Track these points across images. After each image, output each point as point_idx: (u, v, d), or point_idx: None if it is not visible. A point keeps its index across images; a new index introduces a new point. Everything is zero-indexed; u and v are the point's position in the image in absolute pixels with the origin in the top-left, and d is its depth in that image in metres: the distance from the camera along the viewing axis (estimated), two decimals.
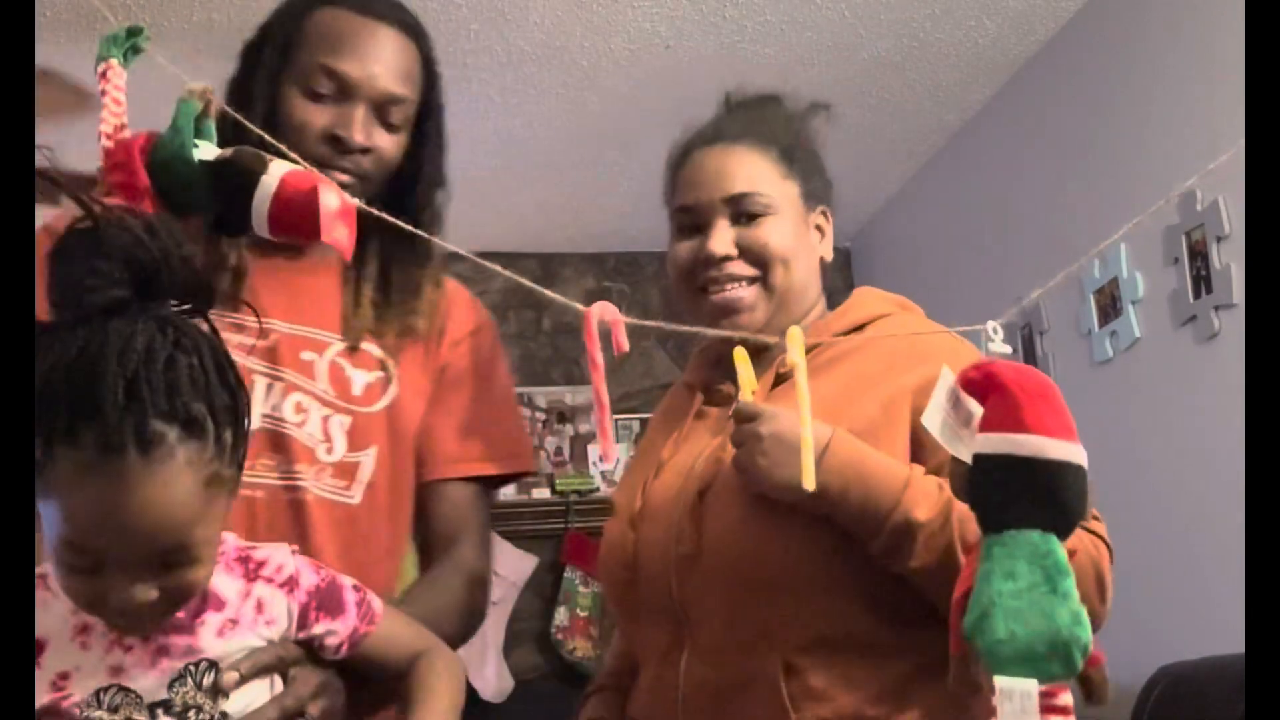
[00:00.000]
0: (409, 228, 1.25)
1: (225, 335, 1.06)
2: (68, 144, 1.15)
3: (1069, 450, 0.97)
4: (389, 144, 1.45)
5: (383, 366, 1.46)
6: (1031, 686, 0.92)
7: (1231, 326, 2.67)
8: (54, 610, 1.04)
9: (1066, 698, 0.94)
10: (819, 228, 1.50)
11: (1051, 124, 3.42)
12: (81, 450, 0.92)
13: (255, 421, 1.16)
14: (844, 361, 1.39)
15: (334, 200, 1.09)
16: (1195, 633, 2.44)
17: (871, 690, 1.29)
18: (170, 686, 1.04)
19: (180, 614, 1.04)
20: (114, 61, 1.21)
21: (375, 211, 1.15)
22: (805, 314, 1.47)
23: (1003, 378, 0.99)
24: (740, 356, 1.26)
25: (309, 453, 1.38)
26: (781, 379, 1.42)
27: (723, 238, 1.43)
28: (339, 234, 1.09)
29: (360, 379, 1.44)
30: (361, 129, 1.41)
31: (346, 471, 1.41)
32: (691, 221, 1.47)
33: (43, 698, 1.01)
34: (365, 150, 1.42)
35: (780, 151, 1.47)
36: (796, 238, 1.45)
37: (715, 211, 1.44)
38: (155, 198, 1.15)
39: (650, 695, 1.40)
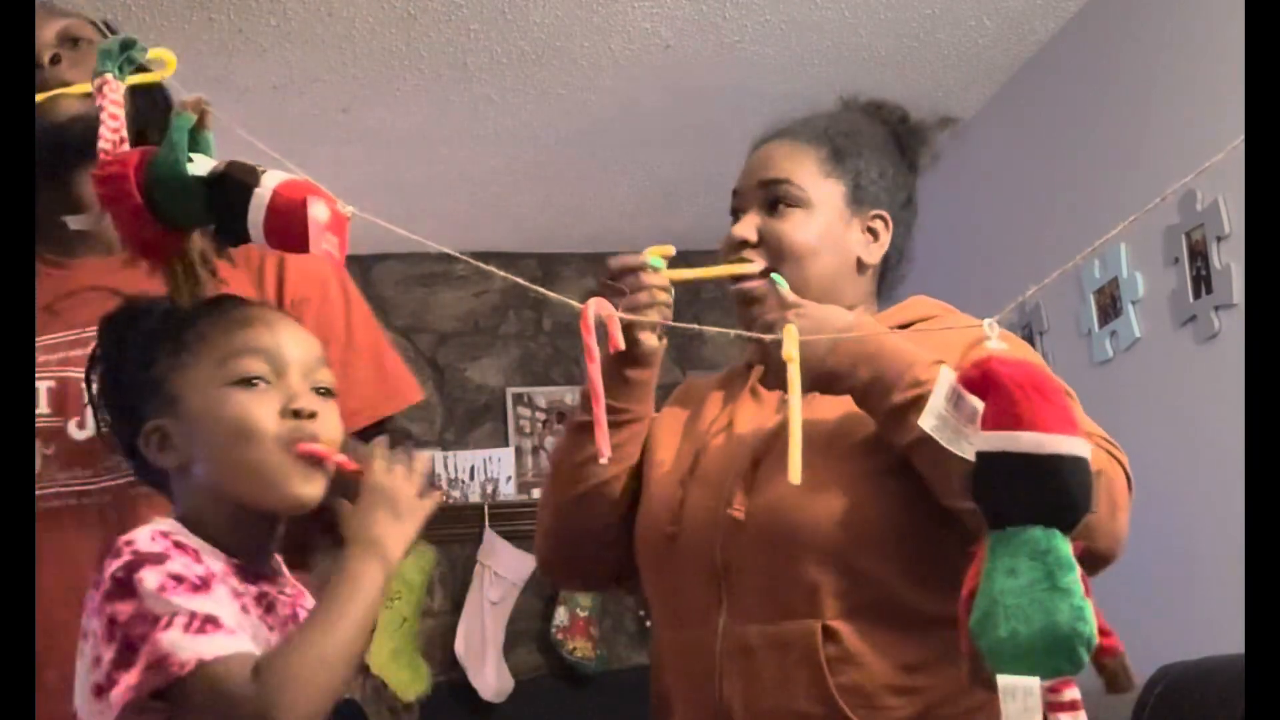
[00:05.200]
0: (406, 233, 1.27)
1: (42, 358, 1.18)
2: None
3: (1068, 444, 0.97)
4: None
5: None
6: (1034, 684, 0.92)
7: (1231, 326, 2.67)
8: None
9: (1073, 692, 0.93)
10: (870, 230, 1.51)
11: (1051, 124, 3.42)
12: None
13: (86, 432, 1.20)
14: None
15: (323, 212, 1.09)
16: (1195, 633, 2.44)
17: (909, 659, 1.30)
18: None
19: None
20: (109, 76, 1.20)
21: (372, 218, 1.16)
22: None
23: (999, 374, 0.99)
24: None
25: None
26: None
27: (747, 224, 1.47)
28: (328, 244, 1.09)
29: None
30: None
31: None
32: (734, 206, 1.51)
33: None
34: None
35: (831, 150, 1.49)
36: (825, 236, 1.46)
37: (750, 198, 1.48)
38: (151, 213, 1.15)
39: (685, 656, 1.41)
